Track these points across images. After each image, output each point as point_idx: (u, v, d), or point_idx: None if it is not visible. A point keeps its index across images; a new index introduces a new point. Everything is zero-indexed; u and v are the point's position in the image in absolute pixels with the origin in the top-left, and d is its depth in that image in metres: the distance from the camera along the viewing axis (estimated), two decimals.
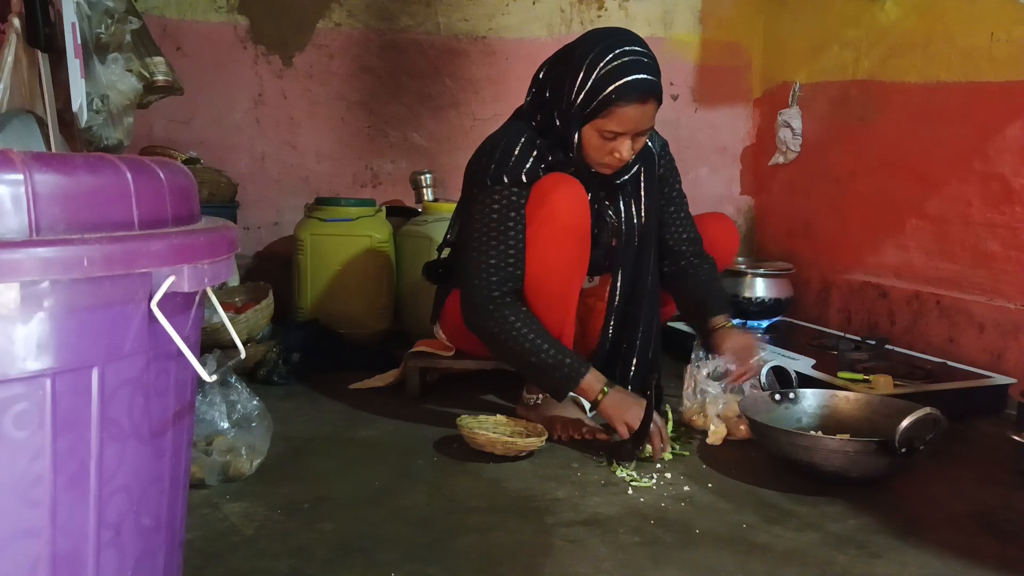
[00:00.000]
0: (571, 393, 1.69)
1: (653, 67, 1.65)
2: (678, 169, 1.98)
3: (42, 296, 0.65)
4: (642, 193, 1.85)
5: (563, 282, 1.72)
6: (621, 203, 1.84)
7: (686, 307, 1.95)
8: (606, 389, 1.66)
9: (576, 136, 1.69)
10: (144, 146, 2.75)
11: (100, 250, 0.67)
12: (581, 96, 1.65)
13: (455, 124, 3.09)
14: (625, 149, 1.68)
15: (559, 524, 1.35)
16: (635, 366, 1.89)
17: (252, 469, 1.52)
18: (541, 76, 1.78)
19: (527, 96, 1.82)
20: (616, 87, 1.61)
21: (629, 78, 1.61)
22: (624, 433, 1.65)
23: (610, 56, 1.63)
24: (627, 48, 1.64)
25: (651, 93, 1.64)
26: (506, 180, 1.69)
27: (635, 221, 1.85)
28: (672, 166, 1.96)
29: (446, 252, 1.98)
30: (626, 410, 1.65)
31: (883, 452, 1.46)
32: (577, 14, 3.11)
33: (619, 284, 1.86)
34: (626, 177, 1.80)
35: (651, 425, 1.62)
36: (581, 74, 1.65)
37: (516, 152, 1.72)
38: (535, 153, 1.72)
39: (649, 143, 1.87)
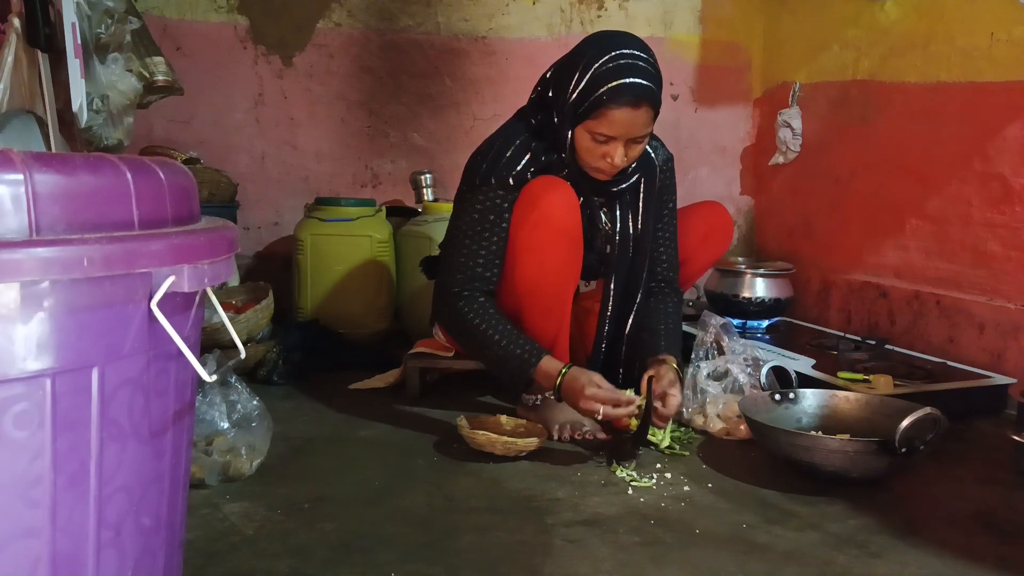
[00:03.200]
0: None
1: (651, 73, 1.63)
2: (676, 186, 1.95)
3: (42, 296, 0.65)
4: (640, 203, 1.85)
5: (558, 285, 1.72)
6: (618, 211, 1.83)
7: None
8: (563, 372, 1.62)
9: (569, 136, 1.69)
10: (144, 146, 2.74)
11: (100, 250, 0.67)
12: (575, 95, 1.64)
13: (455, 124, 3.09)
14: (617, 155, 1.66)
15: (559, 524, 1.35)
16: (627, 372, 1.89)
17: (252, 469, 1.52)
18: (548, 76, 1.78)
19: (531, 95, 1.82)
20: (608, 88, 1.60)
21: (623, 81, 1.59)
22: (589, 413, 1.59)
23: (607, 58, 1.62)
24: (625, 51, 1.63)
25: (645, 98, 1.61)
26: (493, 182, 1.70)
27: (631, 231, 1.84)
28: (671, 182, 1.93)
29: None
30: (578, 393, 1.59)
31: (883, 452, 1.46)
32: (577, 14, 3.10)
33: (612, 291, 1.86)
34: (624, 185, 1.79)
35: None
36: (578, 73, 1.64)
37: (509, 154, 1.72)
38: (528, 156, 1.72)
39: (652, 155, 1.86)
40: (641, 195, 1.84)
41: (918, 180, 2.45)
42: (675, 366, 1.73)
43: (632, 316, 1.88)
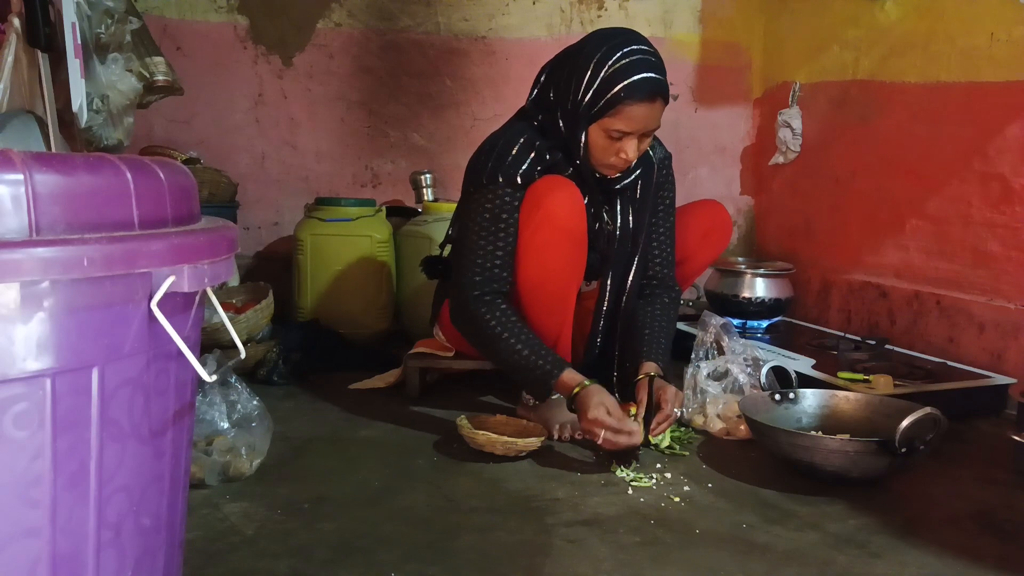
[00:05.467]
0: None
1: (660, 66, 1.65)
2: (674, 183, 1.95)
3: (42, 296, 0.65)
4: (638, 199, 1.85)
5: (561, 285, 1.72)
6: (618, 208, 1.83)
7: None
8: (580, 387, 1.61)
9: (582, 137, 1.69)
10: (144, 146, 2.74)
11: (100, 250, 0.67)
12: (588, 95, 1.64)
13: (455, 124, 3.09)
14: (631, 149, 1.67)
15: (559, 524, 1.35)
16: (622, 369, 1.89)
17: (252, 469, 1.52)
18: (543, 78, 1.77)
19: (529, 96, 1.81)
20: (624, 85, 1.61)
21: (637, 76, 1.61)
22: (590, 435, 1.59)
23: (618, 55, 1.63)
24: (634, 47, 1.64)
25: (659, 92, 1.63)
26: (501, 180, 1.69)
27: (630, 227, 1.85)
28: (670, 179, 1.93)
29: (448, 250, 1.98)
30: (584, 412, 1.58)
31: (883, 452, 1.46)
32: (577, 14, 3.11)
33: (608, 288, 1.86)
34: (626, 181, 1.79)
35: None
36: (588, 73, 1.64)
37: (514, 152, 1.71)
38: (533, 154, 1.72)
39: (651, 152, 1.87)
40: (639, 192, 1.84)
41: (918, 180, 2.45)
42: (654, 374, 1.72)
43: (621, 310, 1.88)
